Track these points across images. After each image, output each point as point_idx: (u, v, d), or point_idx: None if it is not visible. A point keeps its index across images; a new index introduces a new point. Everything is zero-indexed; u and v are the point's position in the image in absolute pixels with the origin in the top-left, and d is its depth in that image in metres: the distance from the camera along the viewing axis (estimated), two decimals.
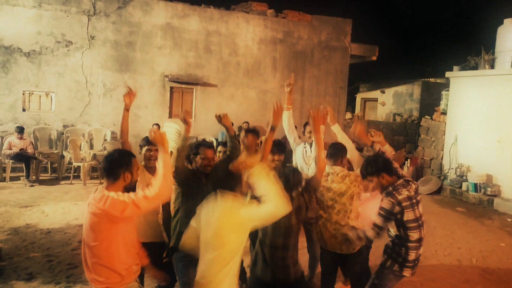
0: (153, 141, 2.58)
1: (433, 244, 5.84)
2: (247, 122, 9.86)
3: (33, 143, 8.70)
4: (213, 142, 6.85)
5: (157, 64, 10.05)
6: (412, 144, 12.30)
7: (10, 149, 8.17)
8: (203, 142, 3.25)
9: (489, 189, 8.75)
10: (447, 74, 10.42)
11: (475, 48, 9.90)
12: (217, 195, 2.56)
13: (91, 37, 9.44)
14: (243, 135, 4.17)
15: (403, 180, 3.04)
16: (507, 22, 9.29)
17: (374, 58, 12.68)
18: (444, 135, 10.45)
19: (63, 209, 6.53)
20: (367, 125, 12.39)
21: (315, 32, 11.62)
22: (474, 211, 8.27)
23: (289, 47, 11.36)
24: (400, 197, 2.91)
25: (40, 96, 9.25)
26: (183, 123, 3.10)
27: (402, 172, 3.22)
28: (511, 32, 9.14)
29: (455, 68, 10.22)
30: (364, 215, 3.60)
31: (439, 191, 9.81)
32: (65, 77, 9.31)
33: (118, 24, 9.64)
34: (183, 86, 10.36)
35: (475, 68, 9.80)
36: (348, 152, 3.56)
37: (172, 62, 10.19)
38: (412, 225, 2.93)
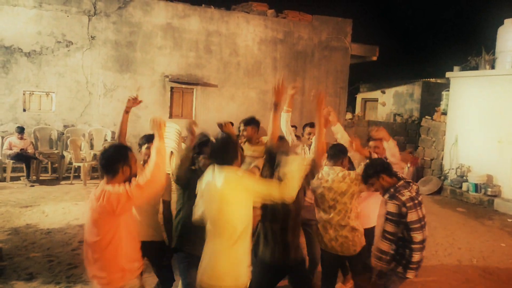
0: (152, 123, 2.56)
1: (433, 245, 5.83)
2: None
3: (34, 143, 8.70)
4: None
5: (157, 64, 10.05)
6: (412, 145, 12.30)
7: (11, 149, 8.17)
8: (206, 141, 3.16)
9: (489, 189, 8.75)
10: (448, 74, 10.41)
11: (475, 48, 9.90)
12: (215, 169, 2.59)
13: (91, 37, 9.44)
14: (242, 128, 4.18)
15: (403, 182, 3.04)
16: (508, 22, 9.29)
17: (375, 58, 12.67)
18: (445, 135, 10.45)
19: (63, 209, 6.53)
20: (367, 125, 12.42)
21: (316, 32, 11.62)
22: (475, 211, 8.27)
23: (290, 47, 11.36)
24: (404, 198, 2.92)
25: (40, 96, 9.26)
26: (188, 133, 3.05)
27: (402, 174, 3.23)
28: (511, 32, 9.15)
29: (456, 68, 10.21)
30: (364, 214, 3.62)
31: (439, 191, 9.81)
32: (66, 77, 9.31)
33: (119, 24, 9.64)
34: (184, 86, 10.35)
35: (476, 68, 9.79)
36: (349, 152, 3.59)
37: (173, 62, 10.19)
38: (416, 226, 2.93)
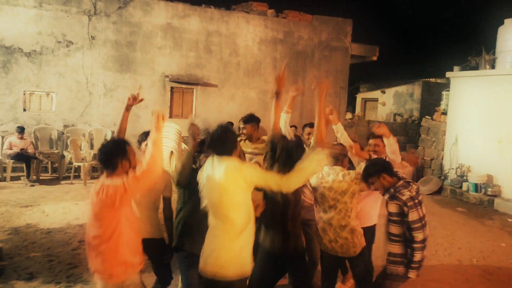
0: (153, 114, 2.58)
1: (433, 244, 5.83)
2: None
3: (34, 143, 8.70)
4: None
5: (157, 64, 10.05)
6: (412, 144, 12.30)
7: (11, 149, 8.17)
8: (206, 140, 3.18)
9: (489, 189, 8.74)
10: (448, 74, 10.41)
11: (475, 48, 9.90)
12: (215, 160, 2.63)
13: (91, 37, 9.44)
14: (242, 126, 4.17)
15: (403, 182, 3.05)
16: (508, 22, 9.28)
17: (375, 58, 12.67)
18: (445, 135, 10.44)
19: (63, 209, 6.53)
20: (367, 125, 12.43)
21: (316, 32, 11.62)
22: (475, 211, 8.27)
23: (290, 47, 11.36)
24: (404, 198, 2.93)
25: (40, 96, 9.26)
26: (190, 138, 3.02)
27: (402, 174, 3.24)
28: (511, 32, 9.14)
29: (456, 68, 10.20)
30: (364, 212, 3.63)
31: (439, 191, 9.81)
32: (66, 77, 9.31)
33: (119, 24, 9.64)
34: (184, 86, 10.36)
35: (476, 68, 9.79)
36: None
37: (173, 62, 10.19)
38: (417, 225, 2.94)
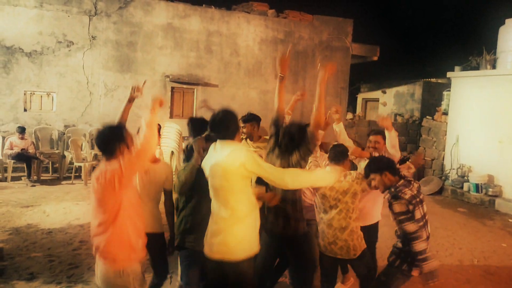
0: (153, 100, 2.59)
1: (434, 245, 5.81)
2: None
3: (34, 143, 8.70)
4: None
5: (158, 64, 10.05)
6: (413, 145, 12.29)
7: (12, 149, 8.18)
8: (208, 136, 3.09)
9: (490, 189, 8.73)
10: (449, 74, 10.39)
11: (476, 48, 9.87)
12: (217, 145, 2.66)
13: (92, 37, 9.45)
14: (242, 125, 4.20)
15: (404, 181, 3.05)
16: (509, 22, 9.27)
17: (375, 58, 12.66)
18: (446, 135, 10.43)
19: (64, 209, 6.53)
20: (368, 125, 12.43)
21: (316, 32, 11.61)
22: (476, 211, 8.25)
23: None
24: (407, 197, 2.95)
25: (41, 96, 9.26)
26: (196, 153, 2.99)
27: (404, 173, 3.25)
28: None
29: (457, 68, 10.19)
30: (366, 211, 3.63)
31: (440, 191, 9.79)
32: (66, 77, 9.32)
33: (119, 24, 9.65)
34: (184, 86, 10.36)
35: (477, 68, 9.77)
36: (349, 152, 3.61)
37: (173, 62, 10.19)
38: (420, 224, 2.94)
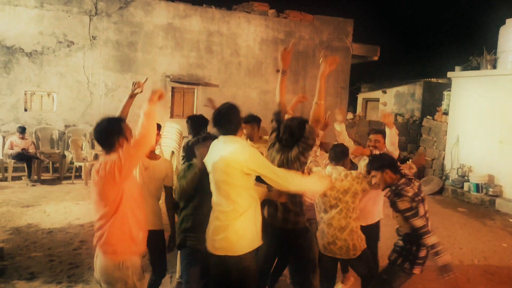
0: (153, 91, 2.55)
1: None
2: None
3: (35, 143, 8.71)
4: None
5: (158, 64, 10.06)
6: (413, 145, 12.29)
7: (12, 148, 8.18)
8: (210, 135, 3.08)
9: (491, 189, 8.73)
10: (449, 74, 10.39)
11: (477, 48, 9.87)
12: (220, 140, 2.67)
13: (92, 37, 9.45)
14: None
15: (405, 179, 3.05)
16: (509, 22, 9.27)
17: (376, 58, 12.66)
18: (446, 135, 10.42)
19: (64, 208, 6.54)
20: (368, 125, 12.43)
21: (317, 32, 11.61)
22: (476, 211, 8.25)
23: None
24: (409, 194, 2.96)
25: (41, 96, 9.27)
26: (198, 160, 2.98)
27: (406, 171, 3.25)
28: None
29: (457, 68, 10.19)
30: (366, 210, 3.63)
31: (440, 191, 9.78)
32: (67, 77, 9.33)
33: (120, 24, 9.65)
34: (185, 86, 10.36)
35: (477, 68, 9.77)
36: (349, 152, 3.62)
37: (174, 62, 10.20)
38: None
